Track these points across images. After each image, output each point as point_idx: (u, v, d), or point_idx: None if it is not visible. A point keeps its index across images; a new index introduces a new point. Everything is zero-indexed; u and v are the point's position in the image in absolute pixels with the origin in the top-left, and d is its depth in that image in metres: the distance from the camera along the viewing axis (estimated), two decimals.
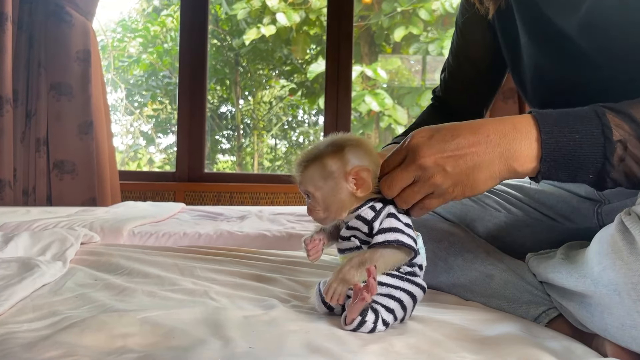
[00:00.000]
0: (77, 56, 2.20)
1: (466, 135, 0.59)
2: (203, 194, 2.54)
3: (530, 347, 0.54)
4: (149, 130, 4.05)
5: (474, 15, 0.92)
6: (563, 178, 0.58)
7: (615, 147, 0.55)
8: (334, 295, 0.58)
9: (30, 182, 2.17)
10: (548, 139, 0.56)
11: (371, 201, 0.63)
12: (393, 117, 3.75)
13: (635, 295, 0.49)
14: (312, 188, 0.62)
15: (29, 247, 0.98)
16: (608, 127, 0.55)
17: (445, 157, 0.58)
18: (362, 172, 0.61)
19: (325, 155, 0.62)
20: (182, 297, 0.71)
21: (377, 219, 0.62)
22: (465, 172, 0.58)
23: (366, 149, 0.63)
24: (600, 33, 0.71)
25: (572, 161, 0.56)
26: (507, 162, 0.58)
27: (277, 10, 3.68)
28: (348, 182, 0.61)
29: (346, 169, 0.61)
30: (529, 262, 0.74)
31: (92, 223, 1.38)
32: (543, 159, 0.57)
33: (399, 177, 0.61)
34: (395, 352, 0.53)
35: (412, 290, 0.62)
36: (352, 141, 0.63)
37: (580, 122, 0.57)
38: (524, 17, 0.82)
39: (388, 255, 0.60)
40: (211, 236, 1.36)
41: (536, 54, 0.81)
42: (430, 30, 3.82)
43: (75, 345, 0.50)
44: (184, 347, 0.51)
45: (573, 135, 0.56)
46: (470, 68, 0.98)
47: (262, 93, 4.15)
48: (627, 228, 0.53)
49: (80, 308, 0.65)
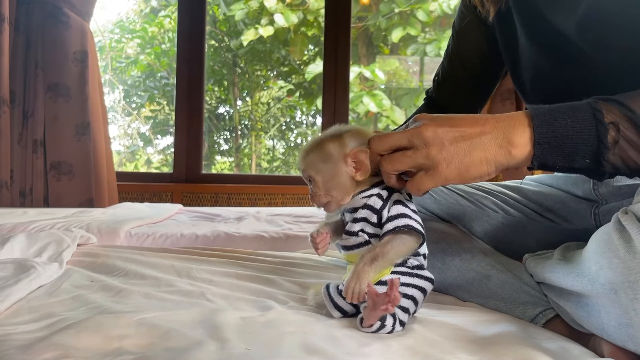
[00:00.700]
0: (75, 57, 2.20)
1: (466, 119, 0.60)
2: (201, 195, 2.54)
3: (527, 348, 0.54)
4: (147, 131, 4.04)
5: (471, 21, 0.93)
6: (560, 163, 0.57)
7: (608, 129, 0.55)
8: (354, 294, 0.58)
9: (27, 183, 2.16)
10: (540, 123, 0.57)
11: (376, 187, 0.63)
12: (391, 118, 3.75)
13: (632, 294, 0.50)
14: (313, 172, 0.64)
15: (25, 248, 0.98)
16: (599, 110, 0.56)
17: (444, 130, 0.58)
18: (360, 153, 0.61)
19: (326, 141, 0.64)
20: (179, 299, 0.71)
21: (385, 207, 0.62)
22: (462, 149, 0.58)
23: (366, 135, 0.64)
24: (598, 33, 0.71)
25: (566, 144, 0.56)
26: (502, 145, 0.58)
27: (275, 11, 3.68)
28: (347, 165, 0.62)
29: (345, 151, 0.62)
30: (526, 262, 0.74)
31: (89, 224, 1.38)
32: (537, 142, 0.57)
33: (396, 139, 0.60)
34: (392, 352, 0.53)
35: (422, 285, 0.62)
36: (352, 129, 0.65)
37: (572, 109, 0.58)
38: (523, 18, 0.83)
39: (399, 246, 0.60)
40: (208, 237, 1.36)
41: (535, 55, 0.81)
42: (428, 32, 3.82)
43: (71, 347, 0.50)
44: (181, 349, 0.51)
45: (565, 119, 0.56)
46: (464, 73, 0.98)
47: (260, 94, 4.15)
48: (624, 227, 0.53)
49: (76, 309, 0.65)
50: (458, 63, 0.98)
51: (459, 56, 0.98)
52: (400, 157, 0.60)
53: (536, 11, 0.79)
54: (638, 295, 0.49)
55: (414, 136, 0.59)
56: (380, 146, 0.61)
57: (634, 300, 0.50)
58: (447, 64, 1.01)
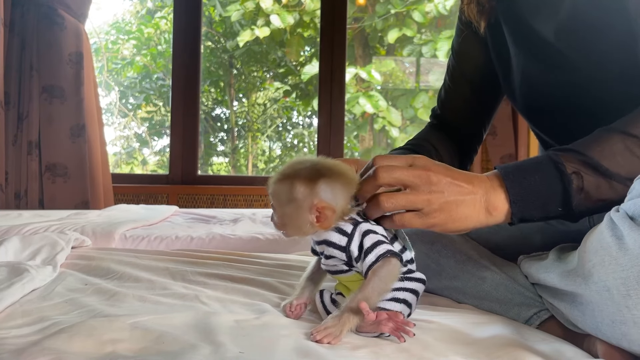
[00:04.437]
0: (70, 59, 2.20)
1: (462, 174, 0.63)
2: (196, 197, 2.54)
3: (521, 350, 0.54)
4: (143, 132, 4.04)
5: (469, 39, 0.95)
6: (537, 215, 0.63)
7: (571, 179, 0.60)
8: (330, 338, 0.55)
9: (22, 185, 2.15)
10: (512, 183, 0.62)
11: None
12: (387, 119, 3.76)
13: (625, 290, 0.50)
14: (275, 203, 0.62)
15: (19, 251, 0.97)
16: (561, 163, 0.61)
17: (448, 181, 0.60)
18: (327, 210, 0.59)
19: (299, 179, 0.59)
20: (173, 302, 0.71)
21: (351, 242, 0.60)
22: (456, 202, 0.60)
23: (344, 183, 0.60)
24: (577, 37, 0.74)
25: (539, 198, 0.62)
26: (485, 207, 0.62)
27: (271, 12, 3.68)
28: (310, 214, 0.59)
29: (312, 200, 0.59)
30: (521, 264, 0.74)
31: (84, 227, 1.37)
32: (512, 201, 0.62)
33: (404, 173, 0.60)
34: (385, 355, 0.53)
35: (413, 287, 0.62)
36: (333, 172, 0.60)
37: (537, 165, 0.63)
38: (510, 27, 0.85)
39: (384, 280, 0.58)
40: (203, 239, 1.35)
41: (524, 61, 0.83)
42: (424, 32, 3.83)
43: (64, 352, 0.50)
44: (174, 352, 0.50)
45: (533, 176, 0.62)
46: (469, 91, 0.99)
47: (256, 95, 4.15)
48: (615, 224, 0.53)
49: (69, 313, 0.64)
50: (462, 81, 0.99)
51: (461, 75, 0.98)
52: (402, 198, 0.60)
53: (520, 18, 0.81)
54: (630, 292, 0.49)
55: (421, 178, 0.60)
56: (386, 179, 0.60)
57: (626, 297, 0.50)
58: (451, 83, 1.01)
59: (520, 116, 2.54)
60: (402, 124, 3.82)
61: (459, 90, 1.00)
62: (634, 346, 0.51)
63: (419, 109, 3.71)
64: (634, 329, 0.50)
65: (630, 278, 0.49)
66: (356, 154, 4.07)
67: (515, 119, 2.63)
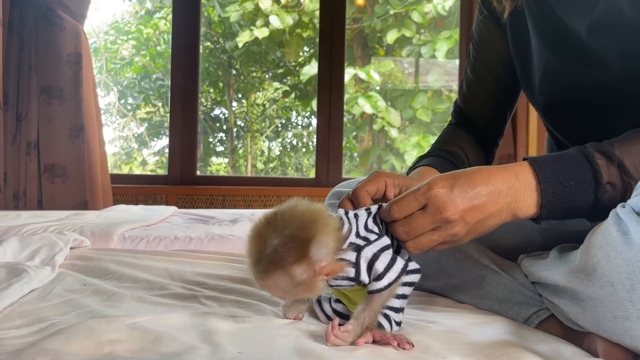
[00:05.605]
0: (68, 59, 2.19)
1: (482, 186, 0.61)
2: (195, 197, 2.53)
3: (520, 351, 0.54)
4: (142, 132, 4.03)
5: (489, 26, 0.93)
6: (560, 217, 0.63)
7: (605, 190, 0.60)
8: (335, 344, 0.55)
9: (20, 185, 2.15)
10: (547, 187, 0.61)
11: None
12: (386, 119, 3.76)
13: (629, 285, 0.50)
14: (279, 294, 0.58)
15: (17, 252, 0.97)
16: (599, 172, 0.60)
17: (467, 209, 0.59)
18: (329, 265, 0.55)
19: (291, 264, 0.54)
20: (171, 302, 0.71)
21: (360, 273, 0.57)
22: (480, 221, 0.60)
23: (321, 228, 0.56)
24: (610, 34, 0.72)
25: (569, 205, 0.61)
26: (512, 211, 0.61)
27: (270, 13, 3.68)
28: (319, 279, 0.56)
29: (314, 269, 0.55)
30: (521, 263, 0.74)
31: (83, 227, 1.37)
32: (543, 206, 0.61)
33: (421, 225, 0.59)
34: (384, 356, 0.53)
35: (410, 280, 0.61)
36: (312, 229, 0.55)
37: (573, 168, 0.61)
38: (535, 19, 0.83)
39: (386, 297, 0.58)
40: (202, 240, 1.35)
41: (547, 55, 0.81)
42: (423, 33, 3.83)
43: (63, 352, 0.50)
44: (173, 353, 0.50)
45: (568, 182, 0.61)
46: (491, 81, 0.97)
47: (256, 95, 4.15)
48: (621, 219, 0.53)
49: (68, 314, 0.64)
50: (484, 73, 0.98)
51: (483, 66, 0.97)
52: (428, 242, 0.60)
53: (549, 11, 0.79)
54: (635, 286, 0.49)
55: (441, 222, 0.59)
56: (408, 238, 0.60)
57: (631, 291, 0.50)
58: (473, 75, 0.99)
59: (519, 116, 2.54)
60: (401, 125, 3.83)
61: (481, 82, 0.98)
62: (636, 342, 0.51)
63: (417, 110, 3.71)
64: (638, 324, 0.50)
65: (635, 272, 0.49)
66: (355, 154, 4.07)
67: (514, 119, 2.63)
